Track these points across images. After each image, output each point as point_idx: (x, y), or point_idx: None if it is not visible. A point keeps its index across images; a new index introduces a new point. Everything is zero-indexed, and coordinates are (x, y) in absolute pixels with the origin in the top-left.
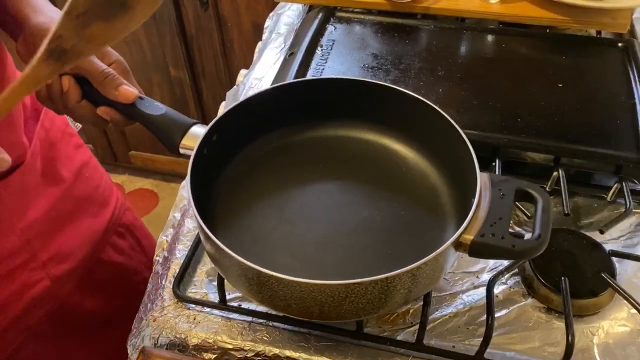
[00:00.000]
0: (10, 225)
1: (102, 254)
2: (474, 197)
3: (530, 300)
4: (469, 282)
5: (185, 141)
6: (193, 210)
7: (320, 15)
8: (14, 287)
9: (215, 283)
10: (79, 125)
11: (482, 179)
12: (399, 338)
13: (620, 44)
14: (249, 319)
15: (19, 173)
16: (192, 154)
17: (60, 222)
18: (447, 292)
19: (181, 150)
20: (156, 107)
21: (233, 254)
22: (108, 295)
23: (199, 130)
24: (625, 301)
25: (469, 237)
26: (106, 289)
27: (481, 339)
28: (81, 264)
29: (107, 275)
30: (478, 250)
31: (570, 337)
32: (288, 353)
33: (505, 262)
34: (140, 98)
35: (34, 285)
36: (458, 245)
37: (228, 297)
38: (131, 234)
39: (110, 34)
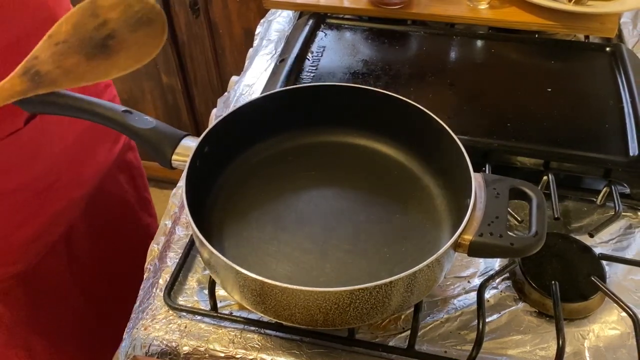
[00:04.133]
0: (48, 149)
1: (104, 185)
2: (469, 198)
3: (521, 304)
4: (460, 286)
5: (177, 155)
6: (193, 227)
7: (310, 22)
8: (39, 203)
9: (206, 291)
10: None
11: (476, 179)
12: (390, 344)
13: (608, 49)
14: (241, 326)
15: None
16: (185, 167)
17: (82, 151)
18: (439, 297)
19: (174, 164)
20: (146, 121)
21: (237, 267)
22: (104, 227)
23: (190, 143)
24: (615, 304)
25: (468, 238)
26: (102, 220)
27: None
28: (90, 192)
29: (104, 206)
30: (477, 249)
31: (561, 341)
32: None
33: (496, 267)
34: (130, 112)
35: (54, 202)
36: (457, 245)
37: (219, 304)
38: (129, 171)
39: (89, 72)
